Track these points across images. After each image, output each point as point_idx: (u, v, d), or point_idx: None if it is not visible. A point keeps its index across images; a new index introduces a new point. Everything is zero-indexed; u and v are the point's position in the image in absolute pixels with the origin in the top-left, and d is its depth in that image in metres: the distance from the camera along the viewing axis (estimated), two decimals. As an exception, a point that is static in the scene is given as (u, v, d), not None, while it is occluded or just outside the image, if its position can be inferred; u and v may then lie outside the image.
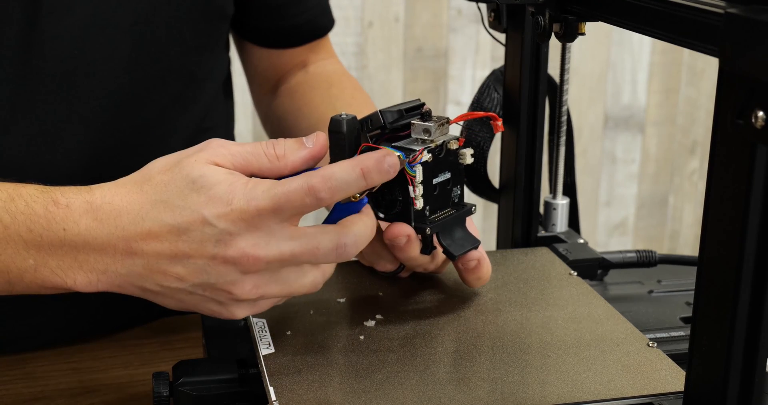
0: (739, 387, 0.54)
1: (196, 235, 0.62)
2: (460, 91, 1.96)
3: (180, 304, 0.66)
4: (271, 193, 0.61)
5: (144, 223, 0.62)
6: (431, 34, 1.92)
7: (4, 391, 0.82)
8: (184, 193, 0.62)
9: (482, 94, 0.90)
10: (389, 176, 0.64)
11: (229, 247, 0.62)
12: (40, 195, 0.64)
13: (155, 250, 0.63)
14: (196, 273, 0.63)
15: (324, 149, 0.65)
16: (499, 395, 0.61)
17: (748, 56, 0.47)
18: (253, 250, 0.62)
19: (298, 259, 0.63)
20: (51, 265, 0.64)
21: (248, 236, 0.62)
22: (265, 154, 0.64)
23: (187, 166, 0.63)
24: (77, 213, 0.63)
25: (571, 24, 0.72)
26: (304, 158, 0.65)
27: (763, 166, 0.50)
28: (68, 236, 0.63)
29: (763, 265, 0.52)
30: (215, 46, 0.97)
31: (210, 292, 0.64)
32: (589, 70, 2.04)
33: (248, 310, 0.66)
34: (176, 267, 0.63)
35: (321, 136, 0.66)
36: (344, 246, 0.63)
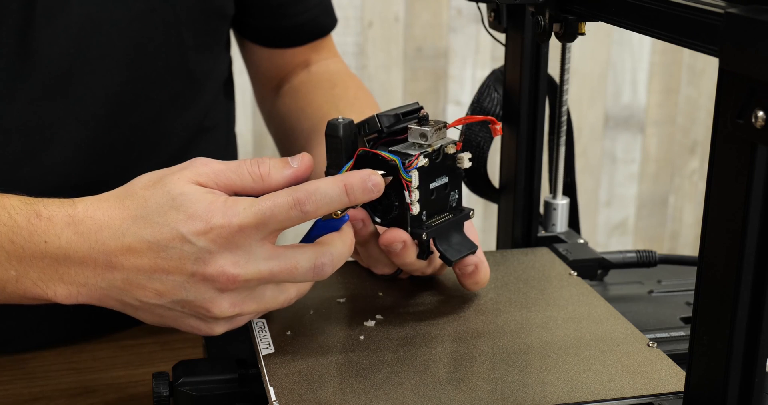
0: (739, 387, 0.54)
1: (175, 253, 0.62)
2: (460, 91, 1.96)
3: (159, 319, 0.66)
4: (254, 209, 0.62)
5: (124, 239, 0.63)
6: (431, 34, 1.92)
7: (4, 391, 0.82)
8: (164, 210, 0.62)
9: (482, 94, 0.90)
10: (372, 196, 0.64)
11: (208, 266, 0.62)
12: (24, 207, 0.65)
13: (135, 265, 0.63)
14: (175, 289, 0.63)
15: (309, 170, 0.66)
16: (499, 395, 0.61)
17: (748, 56, 0.47)
18: (232, 269, 0.62)
19: (276, 278, 0.64)
20: (32, 277, 0.64)
21: (227, 255, 0.62)
22: (249, 173, 0.65)
23: (168, 183, 0.63)
24: (59, 226, 0.64)
25: (571, 24, 0.72)
26: (287, 178, 0.65)
27: (763, 166, 0.50)
28: (49, 249, 0.63)
29: (763, 265, 0.52)
30: (215, 46, 0.97)
31: (189, 309, 0.65)
32: (589, 70, 2.04)
33: (226, 326, 0.67)
34: (155, 283, 0.63)
35: (306, 157, 0.66)
36: (322, 266, 0.64)
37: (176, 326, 0.67)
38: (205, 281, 0.63)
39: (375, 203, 0.70)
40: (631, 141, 2.12)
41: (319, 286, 0.76)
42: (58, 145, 0.86)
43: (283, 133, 1.06)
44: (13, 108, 0.84)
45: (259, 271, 0.63)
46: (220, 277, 0.62)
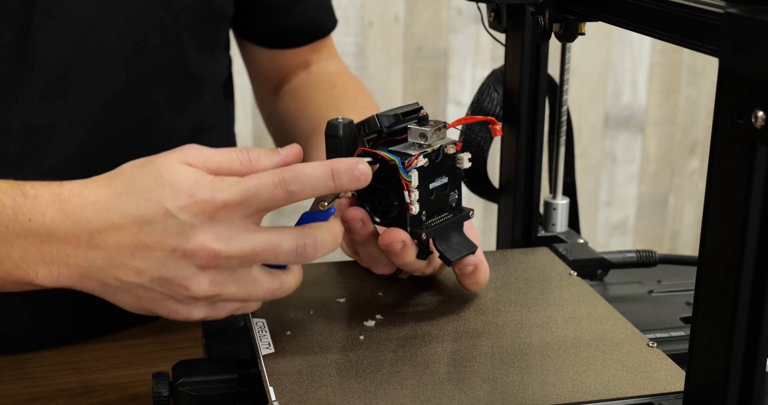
0: (739, 387, 0.54)
1: (158, 227, 0.62)
2: (460, 91, 1.96)
3: (138, 302, 0.66)
4: (240, 186, 0.62)
5: (108, 215, 0.63)
6: (431, 34, 1.92)
7: (4, 392, 0.82)
8: (150, 186, 0.63)
9: (482, 94, 0.90)
10: (359, 183, 0.64)
11: (189, 240, 0.62)
12: (10, 187, 0.65)
13: (117, 243, 0.63)
14: (155, 266, 0.63)
15: (297, 159, 0.66)
16: (499, 395, 0.61)
17: (748, 56, 0.47)
18: (213, 244, 0.62)
19: (259, 257, 0.63)
20: (14, 258, 0.64)
21: (209, 229, 0.62)
22: (238, 157, 0.65)
23: (157, 162, 0.64)
24: (44, 203, 0.64)
25: (571, 24, 0.72)
26: (276, 164, 0.65)
27: (763, 166, 0.50)
28: (33, 226, 0.63)
29: (763, 265, 0.52)
30: (214, 47, 0.97)
31: (167, 288, 0.64)
32: (589, 70, 2.04)
33: (205, 310, 0.66)
34: (136, 260, 0.63)
35: (295, 147, 0.66)
36: (304, 246, 0.64)
37: (154, 310, 0.66)
38: (186, 257, 0.62)
39: (375, 203, 0.70)
40: (631, 141, 2.12)
41: (319, 286, 0.77)
42: (57, 145, 0.86)
43: (283, 134, 1.06)
44: (13, 109, 0.84)
45: (240, 248, 0.62)
46: (201, 252, 0.62)
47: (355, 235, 0.71)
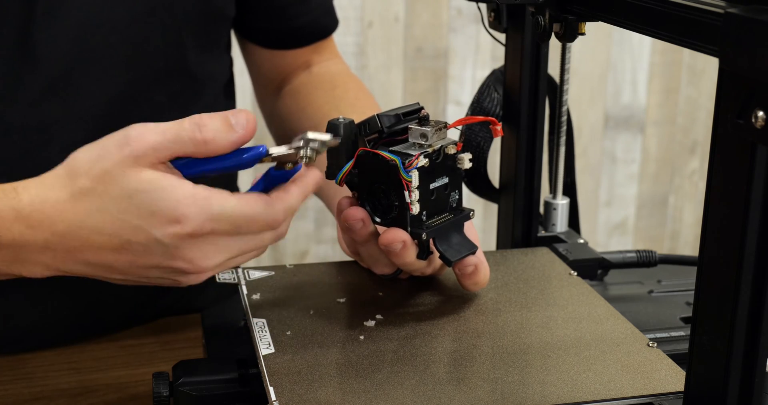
0: (739, 387, 0.54)
1: (140, 247, 0.62)
2: (460, 91, 1.96)
3: (135, 279, 0.66)
4: (231, 217, 0.63)
5: (81, 232, 0.63)
6: (431, 34, 1.92)
7: (4, 392, 0.82)
8: (123, 206, 0.62)
9: (482, 94, 0.90)
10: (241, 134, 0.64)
11: (176, 259, 0.63)
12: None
13: (97, 257, 0.63)
14: (141, 272, 0.64)
15: (253, 132, 0.64)
16: (499, 395, 0.61)
17: (748, 56, 0.47)
18: (201, 262, 0.63)
19: (241, 253, 0.65)
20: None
21: (196, 250, 0.63)
22: (191, 140, 0.63)
23: (117, 176, 0.62)
24: (8, 221, 0.63)
25: (571, 24, 0.72)
26: (233, 143, 0.63)
27: (763, 166, 0.50)
28: (4, 241, 0.63)
29: (763, 265, 0.52)
30: (215, 48, 0.97)
31: (156, 272, 0.65)
32: (589, 70, 2.04)
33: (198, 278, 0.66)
34: (120, 265, 0.64)
35: (249, 115, 0.64)
36: (282, 235, 0.65)
37: (149, 282, 0.67)
38: (173, 270, 0.64)
39: (375, 203, 0.70)
40: (631, 141, 2.12)
41: (319, 286, 0.77)
42: (57, 145, 0.86)
43: (284, 134, 1.06)
44: (13, 109, 0.84)
45: (228, 255, 0.64)
46: (188, 267, 0.63)
47: (356, 234, 0.71)
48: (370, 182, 0.69)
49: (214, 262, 0.64)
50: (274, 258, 1.98)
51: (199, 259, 0.63)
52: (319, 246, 2.00)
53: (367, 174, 0.69)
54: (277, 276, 0.77)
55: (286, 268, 0.79)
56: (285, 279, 0.77)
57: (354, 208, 0.70)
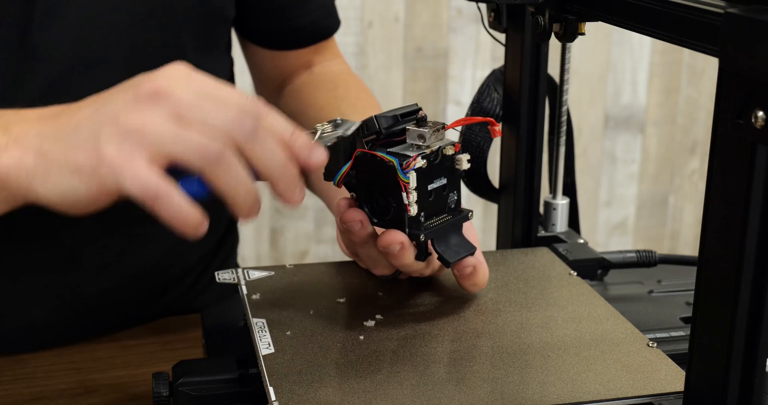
0: (739, 387, 0.54)
1: (114, 103, 0.62)
2: (460, 91, 1.96)
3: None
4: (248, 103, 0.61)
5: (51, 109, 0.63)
6: (431, 34, 1.92)
7: (4, 392, 0.82)
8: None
9: (482, 94, 0.90)
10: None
11: (141, 87, 0.61)
12: None
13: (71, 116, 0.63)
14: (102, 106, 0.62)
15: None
16: (498, 395, 0.61)
17: (748, 56, 0.47)
18: (168, 86, 0.61)
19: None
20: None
21: (165, 79, 0.61)
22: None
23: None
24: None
25: (571, 24, 0.72)
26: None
27: (763, 166, 0.50)
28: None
29: (763, 265, 0.52)
30: (215, 49, 0.97)
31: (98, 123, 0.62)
32: (589, 70, 2.04)
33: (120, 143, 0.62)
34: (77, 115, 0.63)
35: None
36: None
37: (68, 164, 0.62)
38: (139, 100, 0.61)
39: (373, 204, 0.69)
40: (631, 141, 2.12)
41: (319, 286, 0.77)
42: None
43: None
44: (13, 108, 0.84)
45: (197, 94, 0.61)
46: (157, 92, 0.61)
47: (354, 236, 0.71)
48: (368, 184, 0.69)
49: (183, 92, 0.60)
50: (274, 258, 1.98)
51: (166, 85, 0.61)
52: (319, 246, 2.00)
53: (365, 175, 0.69)
54: (277, 276, 0.77)
55: (286, 268, 0.79)
56: (285, 279, 0.77)
57: (352, 210, 0.70)
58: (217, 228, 1.05)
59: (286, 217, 1.97)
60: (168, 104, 0.61)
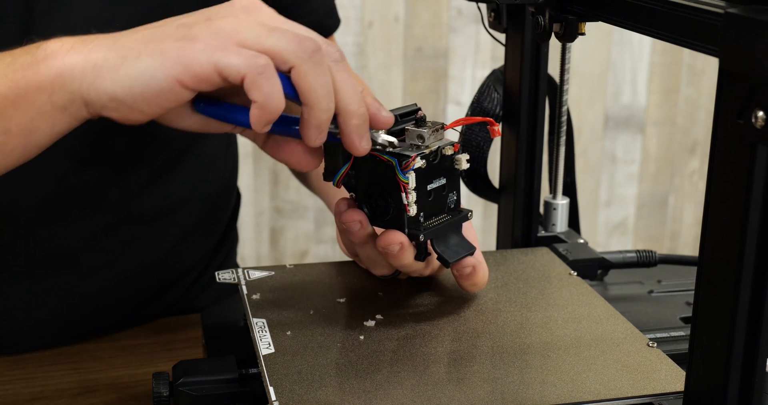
0: (739, 387, 0.54)
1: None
2: (460, 91, 1.96)
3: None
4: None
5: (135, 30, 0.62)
6: (431, 34, 1.92)
7: (4, 392, 0.82)
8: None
9: (482, 94, 0.90)
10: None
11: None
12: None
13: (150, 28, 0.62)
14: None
15: None
16: (498, 395, 0.61)
17: (748, 56, 0.47)
18: (259, 3, 0.62)
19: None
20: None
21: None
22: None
23: None
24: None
25: (571, 24, 0.72)
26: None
27: (763, 166, 0.50)
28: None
29: (763, 265, 0.52)
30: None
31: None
32: (589, 70, 2.04)
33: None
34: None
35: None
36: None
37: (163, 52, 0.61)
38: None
39: (372, 205, 0.69)
40: (631, 141, 2.12)
41: (319, 286, 0.77)
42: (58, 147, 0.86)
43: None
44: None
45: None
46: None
47: (354, 236, 0.71)
48: (367, 184, 0.69)
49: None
50: (274, 258, 1.98)
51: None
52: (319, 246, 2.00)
53: (364, 176, 0.69)
54: (277, 276, 0.77)
55: (286, 268, 0.79)
56: (285, 279, 0.77)
57: (351, 210, 0.70)
58: (217, 228, 1.05)
59: (286, 217, 1.97)
60: (261, 15, 0.61)
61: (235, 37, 0.59)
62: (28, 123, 0.62)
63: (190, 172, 0.97)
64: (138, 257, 0.95)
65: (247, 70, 0.58)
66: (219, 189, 1.02)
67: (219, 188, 1.03)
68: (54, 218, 0.89)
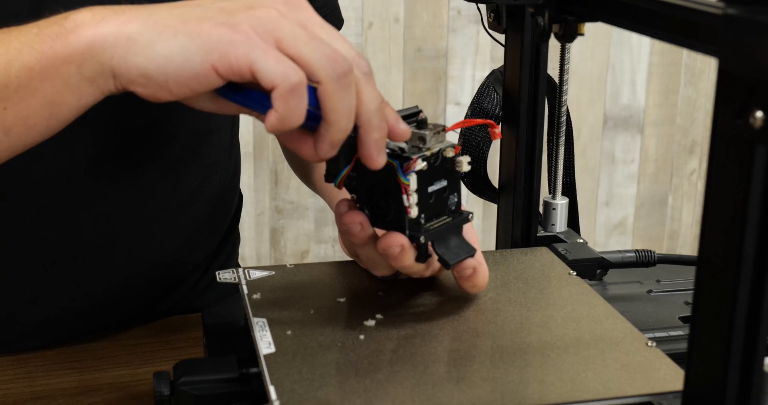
0: (738, 386, 0.54)
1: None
2: (459, 91, 1.96)
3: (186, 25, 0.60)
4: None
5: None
6: (431, 35, 1.92)
7: (6, 391, 0.82)
8: None
9: (482, 95, 0.90)
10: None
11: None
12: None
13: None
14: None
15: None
16: (498, 394, 0.62)
17: (746, 57, 0.47)
18: (305, 3, 0.61)
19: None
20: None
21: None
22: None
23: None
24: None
25: (571, 24, 0.72)
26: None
27: (762, 166, 0.50)
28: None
29: (761, 264, 0.52)
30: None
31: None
32: (589, 71, 2.04)
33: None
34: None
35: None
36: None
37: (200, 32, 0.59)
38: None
39: (373, 206, 0.70)
40: (630, 141, 2.12)
41: (320, 286, 0.77)
42: (62, 149, 0.87)
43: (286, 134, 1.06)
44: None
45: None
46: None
47: (354, 238, 0.71)
48: (368, 185, 0.69)
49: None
50: (274, 258, 1.98)
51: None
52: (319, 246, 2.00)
53: (365, 177, 0.69)
54: (277, 276, 0.78)
55: (287, 267, 0.79)
56: (285, 279, 0.77)
57: (352, 212, 0.70)
58: (219, 228, 1.05)
59: (287, 217, 1.97)
60: (302, 12, 0.60)
61: (275, 34, 0.58)
62: (55, 95, 0.61)
63: (195, 173, 0.97)
64: (143, 258, 0.95)
65: (281, 82, 0.57)
66: (222, 190, 1.03)
67: (222, 189, 1.03)
68: (61, 219, 0.90)
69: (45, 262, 0.90)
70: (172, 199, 0.96)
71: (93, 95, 0.62)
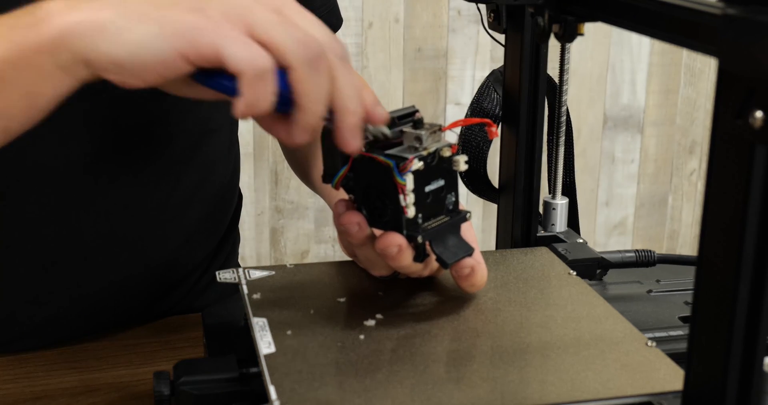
0: (738, 386, 0.55)
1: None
2: (459, 91, 1.96)
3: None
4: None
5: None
6: (431, 35, 1.92)
7: (6, 391, 0.82)
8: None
9: (482, 95, 0.90)
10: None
11: None
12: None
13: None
14: None
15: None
16: (498, 394, 0.62)
17: (746, 57, 0.47)
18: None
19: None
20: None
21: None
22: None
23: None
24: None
25: (571, 24, 0.72)
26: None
27: (762, 166, 0.50)
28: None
29: (761, 264, 0.52)
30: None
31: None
32: (589, 71, 2.04)
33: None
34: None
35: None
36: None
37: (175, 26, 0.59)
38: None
39: (371, 206, 0.70)
40: (630, 141, 2.12)
41: (319, 286, 0.77)
42: (62, 147, 0.87)
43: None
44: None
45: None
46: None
47: (352, 238, 0.71)
48: (365, 186, 0.69)
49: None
50: (274, 258, 1.98)
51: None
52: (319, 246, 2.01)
53: (362, 177, 0.69)
54: (277, 276, 0.78)
55: (287, 267, 0.79)
56: (285, 279, 0.77)
57: (350, 212, 0.70)
58: (219, 228, 1.05)
59: (287, 217, 1.97)
60: (276, 1, 0.60)
61: (246, 20, 0.58)
62: (32, 86, 0.61)
63: (194, 172, 0.97)
64: (143, 257, 0.96)
65: (247, 68, 0.57)
66: (222, 189, 1.03)
67: (222, 188, 1.03)
68: (60, 218, 0.90)
69: (45, 261, 0.90)
70: (171, 198, 0.96)
71: (69, 84, 0.61)
